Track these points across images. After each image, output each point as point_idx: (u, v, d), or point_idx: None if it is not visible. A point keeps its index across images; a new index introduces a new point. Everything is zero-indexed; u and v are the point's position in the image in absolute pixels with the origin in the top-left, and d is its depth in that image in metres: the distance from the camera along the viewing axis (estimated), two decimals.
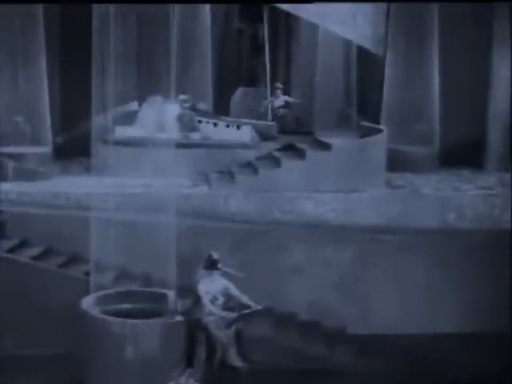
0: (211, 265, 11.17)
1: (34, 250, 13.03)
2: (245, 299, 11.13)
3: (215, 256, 11.22)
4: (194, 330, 11.24)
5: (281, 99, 17.42)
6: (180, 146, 13.91)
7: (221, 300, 11.15)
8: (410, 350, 12.81)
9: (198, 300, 11.21)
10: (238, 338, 11.32)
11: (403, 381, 12.12)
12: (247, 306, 11.11)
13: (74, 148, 15.09)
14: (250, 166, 14.66)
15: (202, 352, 11.22)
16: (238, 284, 11.24)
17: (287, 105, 17.50)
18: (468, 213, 14.11)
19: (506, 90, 16.02)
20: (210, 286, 11.11)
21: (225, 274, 11.26)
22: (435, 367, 12.50)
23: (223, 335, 11.15)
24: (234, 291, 11.15)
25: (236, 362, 11.32)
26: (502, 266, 13.38)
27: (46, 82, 15.16)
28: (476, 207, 14.16)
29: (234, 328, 11.25)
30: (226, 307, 11.19)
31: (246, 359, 11.34)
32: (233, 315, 11.13)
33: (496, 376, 11.92)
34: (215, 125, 15.62)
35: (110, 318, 11.35)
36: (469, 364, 12.39)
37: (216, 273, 11.18)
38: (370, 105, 16.73)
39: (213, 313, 11.05)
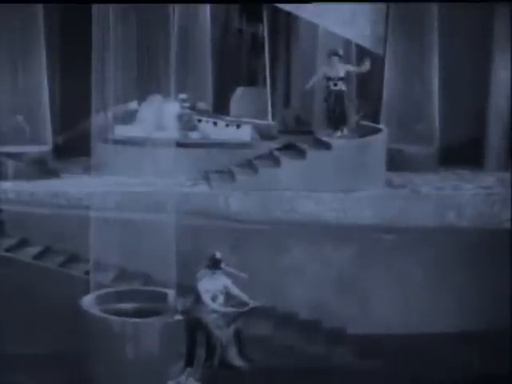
0: (214, 264, 11.13)
1: (34, 249, 13.03)
2: (244, 297, 11.12)
3: (218, 255, 11.18)
4: (194, 329, 11.23)
5: (340, 68, 14.56)
6: (180, 145, 13.91)
7: (220, 298, 11.13)
8: (409, 349, 12.80)
9: (198, 299, 11.21)
10: (238, 337, 11.31)
11: (403, 381, 12.12)
12: (246, 304, 11.10)
13: (73, 147, 15.11)
14: (250, 166, 14.66)
15: (201, 351, 11.21)
16: (239, 283, 11.24)
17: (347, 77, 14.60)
18: (468, 212, 14.13)
19: (505, 90, 16.04)
20: (211, 285, 11.09)
21: (226, 274, 11.24)
22: (435, 367, 12.50)
23: (223, 334, 11.14)
24: (234, 290, 11.14)
25: (236, 361, 11.31)
26: (502, 266, 13.39)
27: (45, 81, 15.16)
28: (476, 206, 14.18)
29: (233, 327, 11.24)
30: (226, 306, 11.18)
31: (246, 359, 11.32)
32: (232, 311, 11.11)
33: (496, 376, 11.91)
34: (215, 124, 15.61)
35: (110, 317, 11.35)
36: (469, 364, 12.38)
37: (217, 272, 11.16)
38: (369, 104, 16.73)
39: (213, 311, 11.04)
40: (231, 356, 11.27)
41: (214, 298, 11.10)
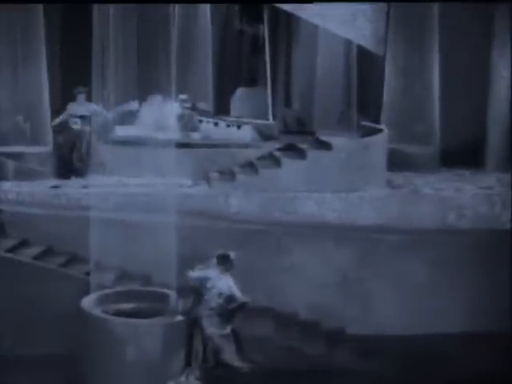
0: (226, 263, 11.15)
1: (34, 250, 13.01)
2: (241, 298, 11.11)
3: (232, 256, 11.19)
4: (192, 328, 11.24)
5: (84, 106, 14.58)
6: (180, 145, 13.92)
7: (221, 299, 11.13)
8: (410, 350, 12.79)
9: (197, 299, 11.21)
10: (236, 337, 11.29)
11: (403, 381, 12.12)
12: (236, 300, 11.09)
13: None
14: (251, 166, 14.65)
15: (199, 350, 11.21)
16: (239, 284, 11.26)
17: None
18: (468, 213, 14.12)
19: (505, 90, 16.04)
20: (217, 283, 11.12)
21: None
22: (435, 367, 12.50)
23: (216, 333, 11.11)
24: (236, 291, 11.14)
25: (235, 362, 11.30)
26: (502, 266, 13.39)
27: (46, 82, 15.16)
28: (476, 207, 14.16)
29: (229, 327, 11.20)
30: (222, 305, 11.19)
31: (245, 359, 11.32)
32: (225, 308, 11.10)
33: (496, 376, 11.92)
34: (216, 124, 15.63)
35: (111, 318, 11.34)
36: (469, 364, 12.38)
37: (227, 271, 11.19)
38: (370, 105, 16.73)
39: (209, 308, 11.02)
40: (229, 357, 11.26)
41: (215, 294, 11.08)
